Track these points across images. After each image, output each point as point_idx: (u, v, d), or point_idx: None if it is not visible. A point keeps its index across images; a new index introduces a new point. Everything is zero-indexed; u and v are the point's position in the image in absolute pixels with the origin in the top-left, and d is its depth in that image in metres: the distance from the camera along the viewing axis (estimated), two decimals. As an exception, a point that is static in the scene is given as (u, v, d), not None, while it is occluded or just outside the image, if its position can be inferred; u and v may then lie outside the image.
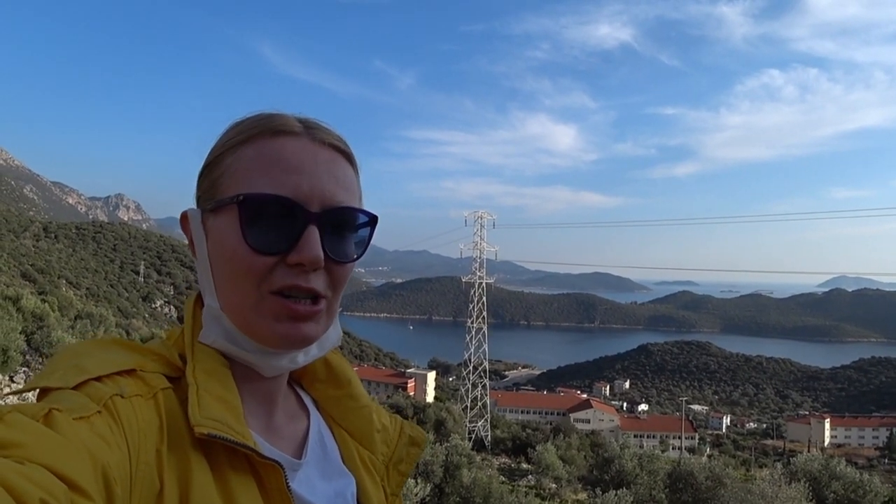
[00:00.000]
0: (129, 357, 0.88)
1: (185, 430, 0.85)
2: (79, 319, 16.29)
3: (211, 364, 0.94)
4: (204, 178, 1.01)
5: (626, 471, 21.23)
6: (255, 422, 0.99)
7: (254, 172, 0.94)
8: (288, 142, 0.96)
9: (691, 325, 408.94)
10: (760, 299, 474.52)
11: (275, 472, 0.89)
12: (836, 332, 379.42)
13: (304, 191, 0.93)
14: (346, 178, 0.99)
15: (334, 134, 1.02)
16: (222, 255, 0.95)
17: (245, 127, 0.99)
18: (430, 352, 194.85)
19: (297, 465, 1.01)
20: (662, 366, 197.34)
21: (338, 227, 0.96)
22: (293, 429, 1.08)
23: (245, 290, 0.93)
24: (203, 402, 0.87)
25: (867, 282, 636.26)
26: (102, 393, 0.79)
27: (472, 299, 68.58)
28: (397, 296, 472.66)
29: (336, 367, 1.20)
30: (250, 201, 0.91)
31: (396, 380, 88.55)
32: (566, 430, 50.01)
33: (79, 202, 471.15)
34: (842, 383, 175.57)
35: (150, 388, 0.86)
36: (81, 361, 0.84)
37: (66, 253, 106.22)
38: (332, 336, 1.09)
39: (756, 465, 50.99)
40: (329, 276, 0.97)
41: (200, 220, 0.99)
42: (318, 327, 0.97)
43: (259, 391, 1.02)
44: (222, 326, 0.97)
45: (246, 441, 0.86)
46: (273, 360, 0.98)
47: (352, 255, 0.99)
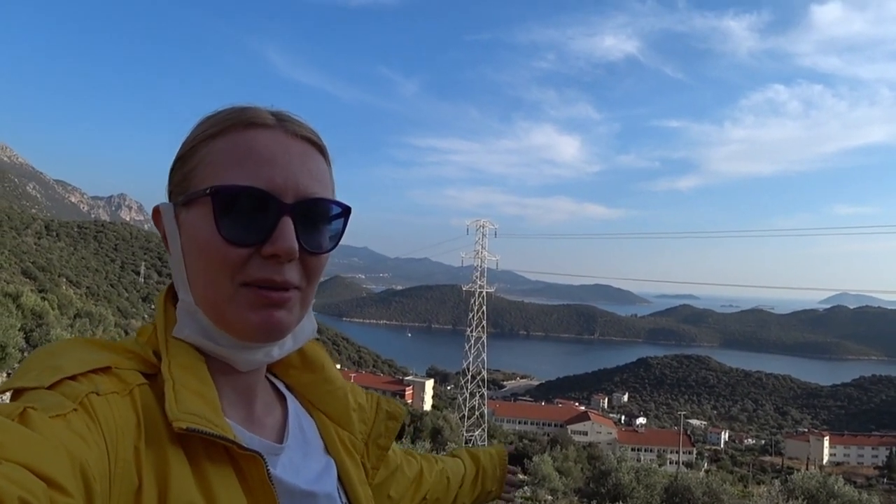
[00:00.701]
0: (104, 355, 0.87)
1: (162, 425, 0.84)
2: (78, 318, 16.31)
3: (186, 359, 0.93)
4: (176, 172, 1.00)
5: (622, 484, 21.12)
6: (234, 413, 0.98)
7: (227, 165, 0.93)
8: (261, 134, 0.95)
9: (691, 338, 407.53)
10: (761, 314, 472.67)
11: (255, 463, 0.88)
12: (836, 349, 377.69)
13: (277, 182, 0.92)
14: (319, 170, 0.99)
15: (307, 126, 1.02)
16: (196, 249, 0.94)
17: (217, 120, 0.98)
18: (428, 360, 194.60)
19: (279, 449, 1.01)
20: (661, 379, 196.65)
21: (312, 218, 0.96)
22: (273, 416, 1.08)
23: (219, 282, 0.92)
24: (180, 396, 0.86)
25: (869, 299, 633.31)
26: (78, 391, 0.79)
27: (472, 308, 68.54)
28: (397, 303, 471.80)
29: (309, 353, 1.20)
30: (223, 193, 0.91)
31: (394, 387, 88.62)
32: (563, 442, 49.83)
33: (81, 201, 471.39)
34: (842, 401, 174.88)
35: (125, 384, 0.85)
36: (56, 361, 0.83)
37: (67, 251, 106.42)
38: (306, 328, 1.09)
39: (754, 482, 50.66)
40: (303, 267, 0.96)
41: (173, 215, 0.98)
42: (291, 316, 0.96)
43: (237, 384, 1.01)
44: (197, 321, 0.96)
45: (225, 433, 0.86)
46: (248, 355, 0.98)
47: (326, 245, 0.99)
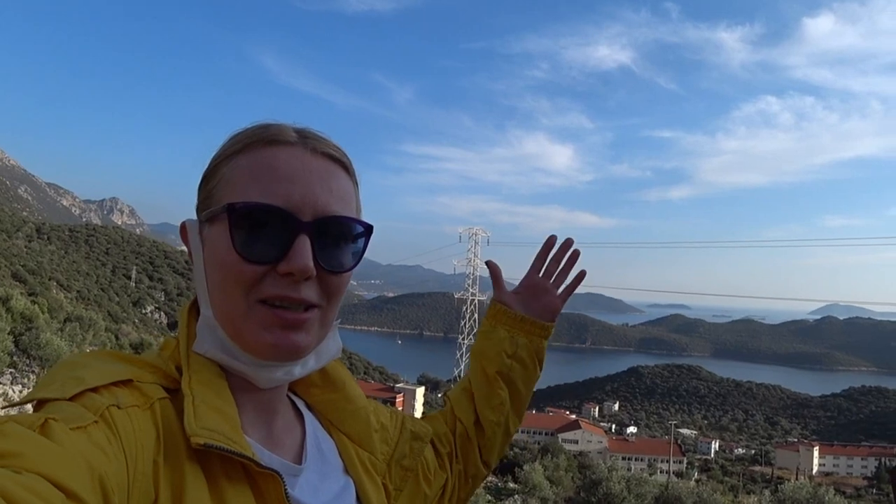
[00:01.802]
0: (126, 368, 0.88)
1: (181, 440, 0.85)
2: (68, 322, 16.18)
3: (207, 375, 0.94)
4: (202, 189, 1.01)
5: (613, 493, 21.12)
6: (254, 431, 0.98)
7: (246, 181, 0.93)
8: (281, 151, 0.95)
9: (682, 348, 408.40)
10: (752, 325, 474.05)
11: (273, 481, 0.88)
12: (827, 359, 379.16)
13: (295, 200, 0.92)
14: (340, 188, 0.98)
15: (331, 143, 1.01)
16: (215, 264, 0.95)
17: (241, 137, 0.99)
18: (420, 367, 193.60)
19: (298, 470, 1.00)
20: (652, 388, 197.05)
21: (331, 236, 0.95)
22: (293, 436, 1.08)
23: (234, 298, 0.92)
24: (199, 412, 0.86)
25: (859, 310, 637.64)
26: (99, 404, 0.79)
27: (464, 315, 68.81)
28: (389, 310, 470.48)
29: (330, 371, 1.19)
30: (240, 209, 0.91)
31: (385, 394, 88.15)
32: (554, 451, 49.79)
33: (73, 204, 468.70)
34: (831, 411, 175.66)
35: (147, 398, 0.86)
36: (78, 373, 0.83)
37: (58, 255, 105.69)
38: (331, 348, 1.09)
39: (744, 492, 50.64)
40: (322, 286, 0.95)
41: (198, 231, 0.99)
42: (309, 337, 0.96)
43: (258, 401, 1.01)
44: (217, 337, 0.96)
45: (243, 451, 0.86)
46: (267, 373, 0.97)
47: (346, 265, 0.98)
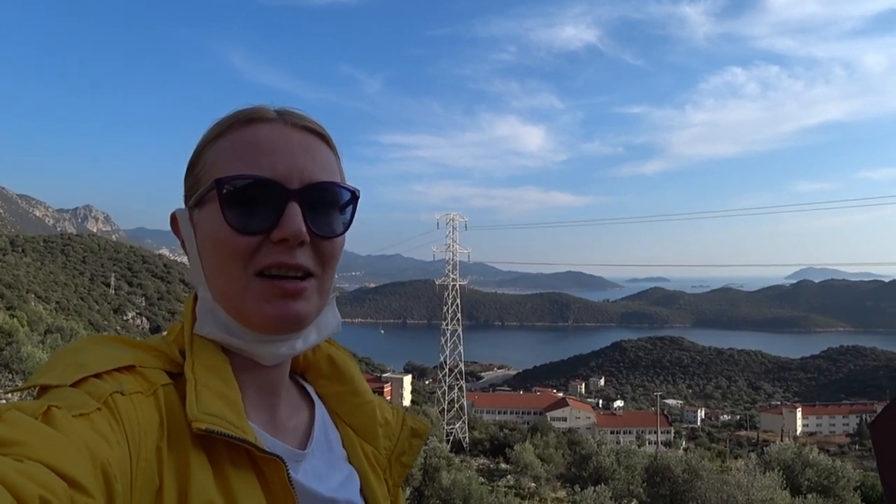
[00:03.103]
0: (129, 353, 0.88)
1: (184, 426, 0.85)
2: (49, 334, 16.11)
3: (210, 359, 0.94)
4: (188, 178, 1.02)
5: (603, 467, 21.40)
6: (257, 415, 0.98)
7: (231, 160, 0.95)
8: (262, 127, 0.97)
9: (664, 320, 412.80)
10: (730, 293, 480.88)
11: (276, 466, 0.88)
12: (804, 322, 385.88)
13: (280, 170, 0.93)
14: (323, 158, 1.00)
15: (309, 118, 1.02)
16: (209, 243, 0.95)
17: (221, 122, 1.00)
18: (405, 356, 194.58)
19: (302, 455, 1.00)
20: (636, 362, 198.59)
21: (319, 203, 0.96)
22: (297, 420, 1.08)
23: (232, 273, 0.93)
24: (201, 397, 0.86)
25: (833, 272, 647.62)
26: (102, 390, 0.79)
27: (446, 302, 68.65)
28: (371, 301, 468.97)
29: (339, 363, 1.19)
30: (227, 183, 0.92)
31: (372, 384, 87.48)
32: (543, 430, 50.28)
33: (46, 214, 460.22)
34: (812, 373, 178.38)
35: (150, 384, 0.86)
36: (80, 358, 0.83)
37: (34, 267, 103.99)
38: (331, 322, 1.09)
39: (731, 457, 51.63)
40: (316, 253, 0.96)
41: (188, 218, 1.00)
42: (310, 305, 0.96)
43: (261, 382, 1.01)
44: (217, 317, 0.97)
45: (246, 436, 0.86)
46: (271, 348, 0.98)
47: (337, 230, 0.99)
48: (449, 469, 23.83)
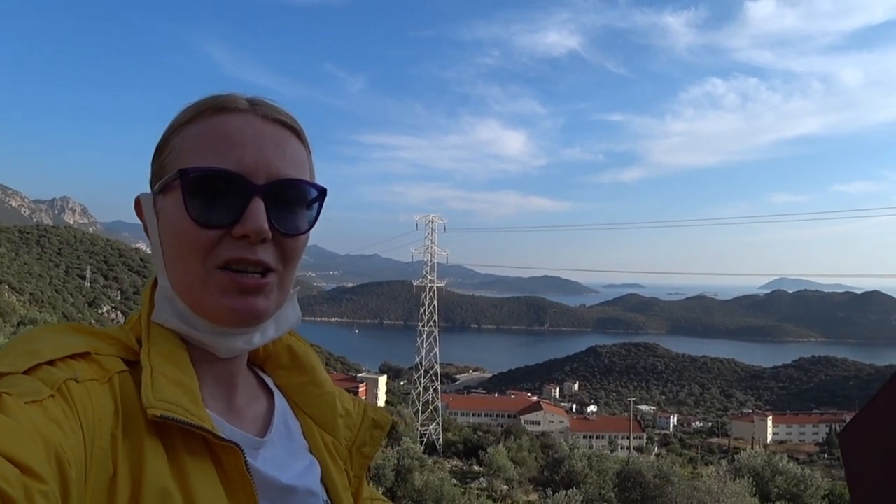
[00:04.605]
0: (84, 340, 0.86)
1: (140, 413, 0.83)
2: (22, 325, 15.84)
3: (167, 346, 0.93)
4: (154, 161, 1.00)
5: (576, 471, 21.48)
6: (215, 403, 0.97)
7: (198, 148, 0.93)
8: (232, 118, 0.95)
9: (639, 327, 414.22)
10: (705, 301, 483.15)
11: (233, 453, 0.87)
12: (777, 332, 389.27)
13: (247, 163, 0.91)
14: (293, 153, 0.98)
15: (282, 110, 1.00)
16: (170, 233, 0.94)
17: (192, 107, 0.98)
18: (381, 356, 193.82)
19: (260, 443, 0.99)
20: (611, 367, 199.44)
21: (285, 199, 0.95)
22: (255, 409, 1.07)
23: (192, 266, 0.92)
24: (157, 384, 0.85)
25: (806, 283, 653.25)
26: (55, 377, 0.77)
27: (423, 303, 68.62)
28: (348, 300, 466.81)
29: (300, 354, 1.18)
30: (192, 175, 0.90)
31: (347, 384, 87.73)
32: (517, 433, 50.39)
33: (22, 205, 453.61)
34: (783, 382, 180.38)
35: (105, 371, 0.84)
36: (33, 346, 0.81)
37: (8, 257, 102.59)
38: (290, 316, 1.08)
39: (702, 463, 52.07)
40: (278, 249, 0.95)
41: (153, 204, 0.98)
42: (269, 302, 0.95)
43: (218, 372, 1.00)
44: (174, 307, 0.96)
45: (202, 423, 0.85)
46: (227, 341, 0.97)
47: (301, 228, 0.98)
48: (422, 470, 23.81)
